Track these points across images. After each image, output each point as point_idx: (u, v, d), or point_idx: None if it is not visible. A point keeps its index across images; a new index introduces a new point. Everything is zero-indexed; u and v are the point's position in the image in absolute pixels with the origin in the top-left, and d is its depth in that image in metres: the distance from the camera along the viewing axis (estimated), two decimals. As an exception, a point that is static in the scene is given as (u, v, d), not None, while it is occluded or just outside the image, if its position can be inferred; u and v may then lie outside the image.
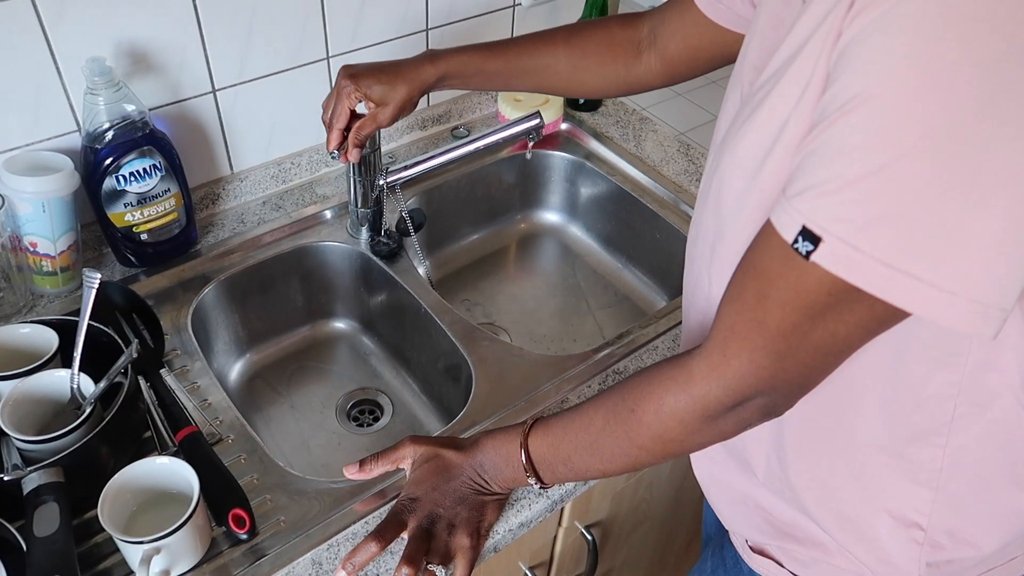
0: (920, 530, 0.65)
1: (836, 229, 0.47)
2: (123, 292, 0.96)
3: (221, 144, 1.10)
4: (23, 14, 0.86)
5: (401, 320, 1.10)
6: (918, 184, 0.45)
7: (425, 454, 0.79)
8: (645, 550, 1.27)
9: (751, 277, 0.55)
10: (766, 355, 0.55)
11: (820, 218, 0.48)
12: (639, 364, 0.97)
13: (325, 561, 0.76)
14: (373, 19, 1.13)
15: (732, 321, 0.57)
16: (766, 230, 0.53)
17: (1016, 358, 0.58)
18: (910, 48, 0.44)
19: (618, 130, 1.35)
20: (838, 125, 0.47)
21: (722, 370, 0.58)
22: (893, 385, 0.60)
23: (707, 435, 0.62)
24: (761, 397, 0.58)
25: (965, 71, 0.43)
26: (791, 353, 0.54)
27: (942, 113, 0.43)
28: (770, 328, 0.54)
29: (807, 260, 0.49)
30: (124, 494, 0.73)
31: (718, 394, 0.59)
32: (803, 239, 0.49)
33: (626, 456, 0.67)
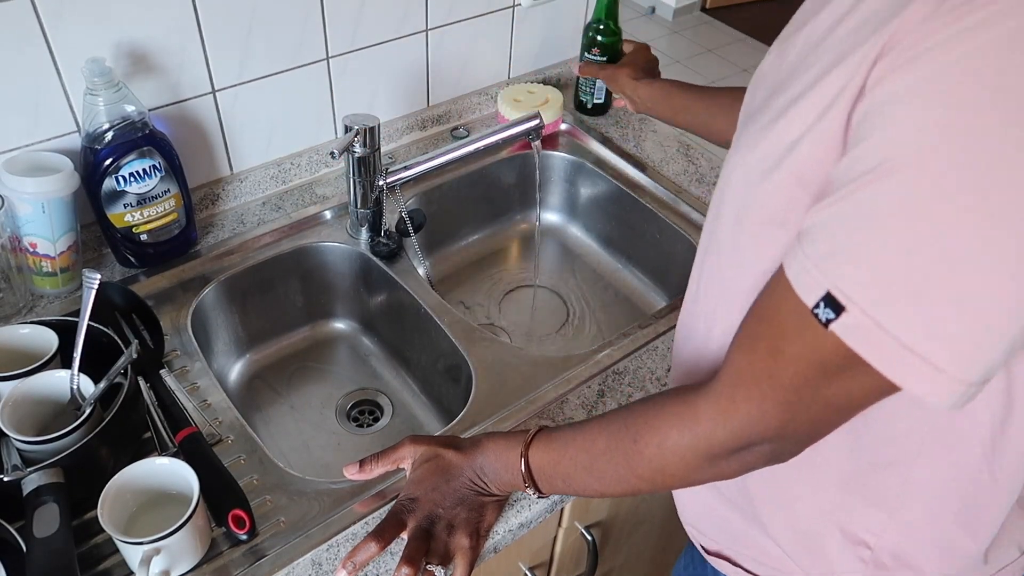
0: (868, 549, 0.66)
1: (862, 301, 0.46)
2: (123, 293, 0.96)
3: (221, 145, 1.10)
4: (23, 15, 0.86)
5: (401, 320, 1.10)
6: (948, 267, 0.43)
7: (425, 454, 0.79)
8: (645, 551, 1.27)
9: (765, 328, 0.54)
10: (776, 406, 0.54)
11: (847, 287, 0.46)
12: (639, 364, 0.97)
13: (325, 562, 0.76)
14: (373, 19, 1.13)
15: (742, 368, 0.56)
16: (781, 282, 0.51)
17: (990, 413, 0.58)
18: (947, 120, 0.42)
19: (618, 130, 1.35)
20: (869, 190, 0.45)
21: (730, 415, 0.57)
22: (866, 419, 0.59)
23: (708, 474, 0.62)
24: (768, 444, 0.57)
25: (1003, 147, 0.41)
26: (802, 407, 0.54)
27: (980, 192, 0.42)
28: (782, 382, 0.53)
29: (825, 328, 0.47)
30: (124, 495, 0.73)
31: (723, 437, 0.58)
32: (825, 305, 0.47)
33: (624, 483, 0.67)
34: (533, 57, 1.39)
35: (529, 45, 1.36)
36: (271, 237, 1.10)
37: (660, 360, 0.97)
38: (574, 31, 1.42)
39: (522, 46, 1.35)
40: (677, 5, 4.08)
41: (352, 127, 0.99)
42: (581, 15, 1.40)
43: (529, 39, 1.35)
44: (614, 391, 0.93)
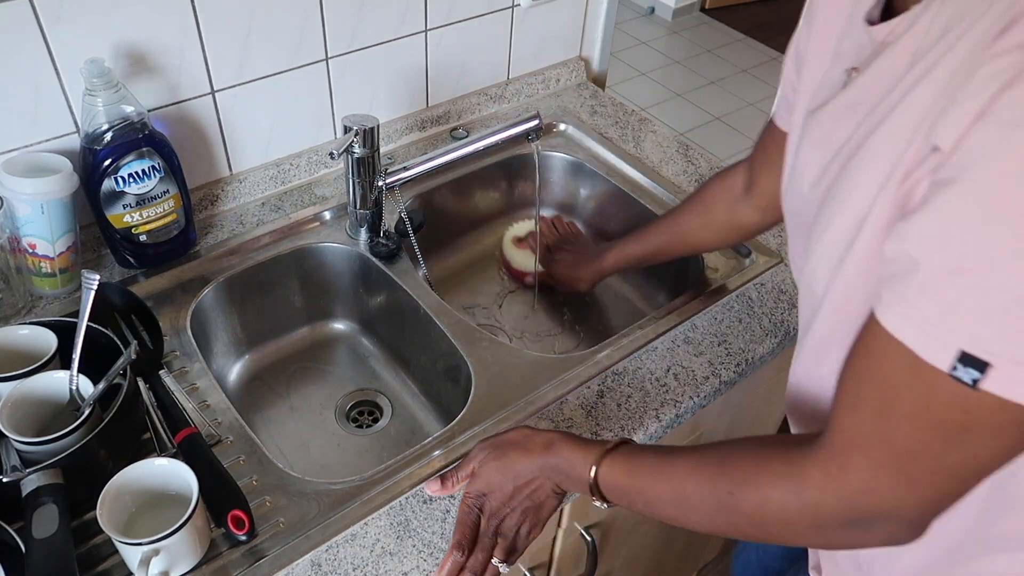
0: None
1: (1008, 350, 0.42)
2: (122, 293, 0.96)
3: (220, 145, 1.10)
4: (22, 15, 0.86)
5: (400, 321, 1.10)
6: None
7: (494, 453, 0.78)
8: (644, 552, 1.27)
9: (870, 387, 0.50)
10: (892, 475, 0.50)
11: (984, 341, 0.43)
12: (638, 365, 0.97)
13: (324, 562, 0.76)
14: (372, 20, 1.13)
15: (851, 429, 0.52)
16: (876, 332, 0.48)
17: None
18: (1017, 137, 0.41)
19: (617, 131, 1.35)
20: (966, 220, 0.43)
21: (839, 483, 0.53)
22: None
23: (812, 540, 0.58)
24: (884, 523, 0.53)
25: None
26: (922, 477, 0.49)
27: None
28: (897, 446, 0.49)
29: (974, 389, 0.43)
30: (123, 495, 0.73)
31: (832, 507, 0.54)
32: (964, 365, 0.43)
33: (714, 526, 0.63)
34: (532, 58, 1.39)
35: (528, 46, 1.36)
36: (270, 238, 1.10)
37: (659, 360, 0.97)
38: (573, 32, 1.42)
39: (521, 47, 1.35)
40: (676, 5, 4.08)
41: (351, 128, 0.99)
42: (580, 15, 1.40)
43: (528, 40, 1.35)
44: (613, 392, 0.93)
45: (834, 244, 0.56)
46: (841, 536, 0.56)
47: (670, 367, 0.97)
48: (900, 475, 0.50)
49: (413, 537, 0.78)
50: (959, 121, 0.43)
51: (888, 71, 0.53)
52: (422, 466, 0.84)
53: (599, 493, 0.71)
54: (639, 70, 3.68)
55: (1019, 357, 0.42)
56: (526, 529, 0.76)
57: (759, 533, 0.61)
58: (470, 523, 0.76)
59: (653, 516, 0.69)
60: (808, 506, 0.55)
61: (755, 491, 0.58)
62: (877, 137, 0.52)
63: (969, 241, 0.43)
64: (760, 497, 0.58)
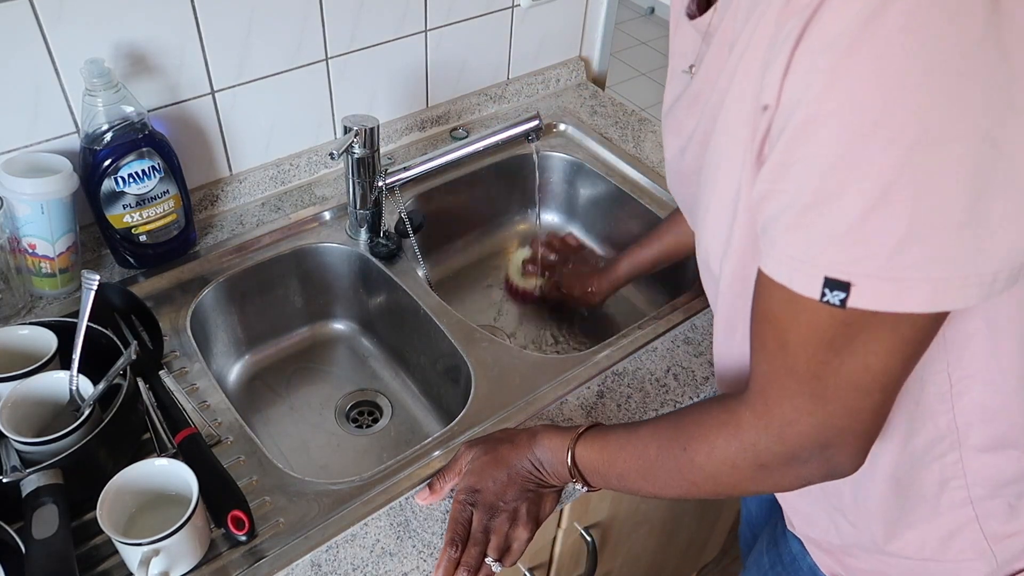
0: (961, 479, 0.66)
1: (863, 269, 0.46)
2: (122, 294, 0.96)
3: (220, 145, 1.10)
4: (22, 15, 0.86)
5: (400, 321, 1.10)
6: (924, 194, 0.44)
7: (482, 448, 0.80)
8: (644, 552, 1.27)
9: (766, 326, 0.55)
10: (806, 400, 0.54)
11: (841, 264, 0.47)
12: (638, 365, 0.97)
13: (324, 563, 0.76)
14: (371, 20, 1.13)
15: (764, 369, 0.57)
16: (763, 280, 0.53)
17: None
18: (841, 70, 0.44)
19: (617, 131, 1.35)
20: (802, 161, 0.47)
21: (768, 418, 0.57)
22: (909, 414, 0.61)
23: (761, 483, 0.62)
24: (819, 451, 0.57)
25: (908, 62, 0.42)
26: (830, 394, 0.53)
27: (912, 108, 0.43)
28: (800, 372, 0.53)
29: (843, 308, 0.48)
30: (123, 496, 0.73)
31: (768, 443, 0.58)
32: (830, 290, 0.48)
33: (679, 488, 0.67)
34: (532, 58, 1.39)
35: (528, 46, 1.36)
36: (270, 238, 1.10)
37: (659, 361, 0.97)
38: (573, 32, 1.42)
39: (521, 47, 1.35)
40: (675, 5, 4.08)
41: (351, 128, 0.99)
42: (580, 15, 1.40)
43: (528, 40, 1.35)
44: (613, 392, 0.93)
45: (717, 223, 0.60)
46: (784, 474, 0.60)
47: (670, 367, 0.97)
48: (813, 399, 0.54)
49: (413, 537, 0.79)
50: (774, 79, 0.48)
51: (715, 59, 0.58)
52: (422, 466, 0.84)
53: (579, 474, 0.75)
54: (639, 70, 3.68)
55: (870, 271, 0.47)
56: (520, 527, 0.77)
57: (714, 486, 0.64)
58: (463, 520, 0.76)
59: (627, 490, 0.73)
60: (748, 447, 0.59)
61: (704, 442, 0.63)
62: (721, 120, 0.56)
63: (806, 179, 0.47)
64: (708, 447, 0.62)
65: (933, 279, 0.46)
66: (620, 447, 0.72)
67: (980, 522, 0.65)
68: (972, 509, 0.64)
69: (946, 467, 0.63)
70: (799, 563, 0.81)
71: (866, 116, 0.44)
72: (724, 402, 0.63)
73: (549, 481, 0.78)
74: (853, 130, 0.44)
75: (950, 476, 0.63)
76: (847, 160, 0.45)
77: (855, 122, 0.44)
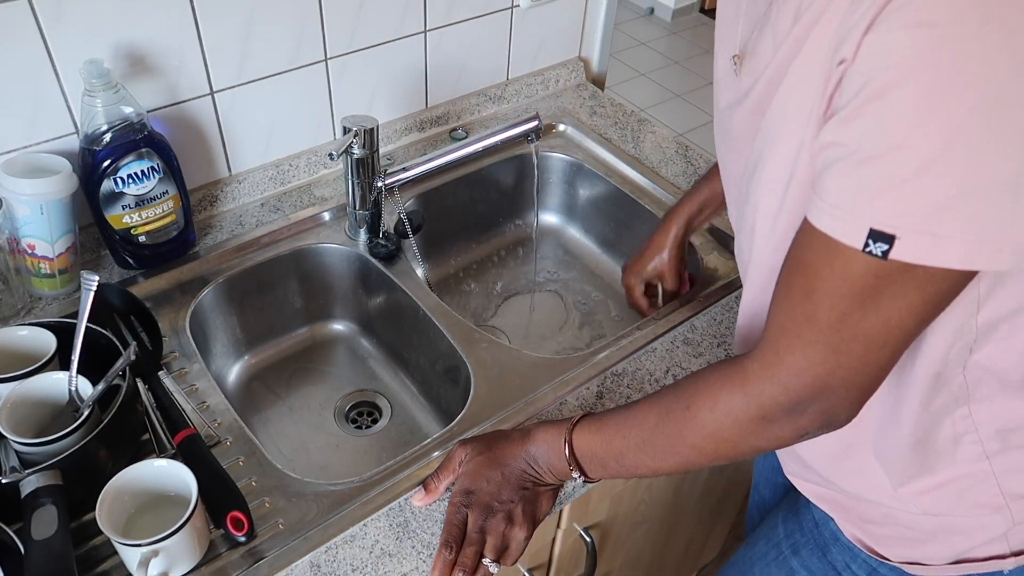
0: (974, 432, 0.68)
1: (909, 223, 0.48)
2: (121, 294, 0.96)
3: (219, 146, 1.10)
4: (21, 16, 0.86)
5: (400, 322, 1.10)
6: (978, 156, 0.46)
7: (477, 448, 0.80)
8: (644, 552, 1.27)
9: (797, 275, 0.56)
10: (819, 349, 0.56)
11: (888, 217, 0.49)
12: (638, 366, 0.97)
13: (324, 563, 0.76)
14: (371, 21, 1.13)
15: (782, 319, 0.58)
16: (805, 228, 0.54)
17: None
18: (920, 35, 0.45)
19: (616, 131, 1.35)
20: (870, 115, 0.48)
21: (776, 368, 0.58)
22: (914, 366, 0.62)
23: (762, 439, 0.63)
24: (818, 402, 0.58)
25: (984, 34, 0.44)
26: (844, 346, 0.55)
27: (983, 77, 0.45)
28: (820, 321, 0.55)
29: (884, 259, 0.49)
30: (122, 496, 0.73)
31: (773, 393, 0.59)
32: (874, 241, 0.49)
33: (678, 455, 0.68)
34: (532, 58, 1.39)
35: (528, 46, 1.36)
36: (270, 239, 1.10)
37: (659, 361, 0.97)
38: (573, 32, 1.42)
39: (521, 47, 1.35)
40: (676, 6, 4.08)
41: (351, 128, 0.99)
42: (580, 16, 1.40)
43: (528, 40, 1.35)
44: (613, 393, 0.93)
45: (773, 180, 0.61)
46: (783, 427, 0.61)
47: (669, 368, 0.97)
48: (827, 348, 0.55)
49: (412, 538, 0.78)
50: (855, 34, 0.49)
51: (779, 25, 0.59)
52: (421, 467, 0.84)
53: (576, 463, 0.75)
54: (638, 71, 3.68)
55: (917, 226, 0.48)
56: (517, 527, 0.77)
57: (715, 445, 0.65)
58: (458, 522, 0.76)
59: (625, 471, 0.73)
60: (753, 398, 0.60)
61: (707, 397, 0.64)
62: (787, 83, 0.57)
63: (869, 133, 0.49)
64: (711, 401, 0.64)
65: (970, 238, 0.47)
66: (618, 424, 0.72)
67: (997, 478, 0.66)
68: (988, 464, 0.66)
69: (957, 422, 0.64)
70: (820, 529, 0.82)
71: (937, 78, 0.45)
72: (729, 361, 0.64)
73: (545, 479, 0.78)
74: (923, 90, 0.46)
75: (962, 431, 0.65)
76: (912, 118, 0.47)
77: (926, 83, 0.46)
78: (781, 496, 1.02)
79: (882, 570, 0.75)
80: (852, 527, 0.78)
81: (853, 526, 0.78)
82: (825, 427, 0.60)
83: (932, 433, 0.66)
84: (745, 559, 0.93)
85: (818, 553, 0.82)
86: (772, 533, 0.90)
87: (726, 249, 1.14)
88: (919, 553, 0.72)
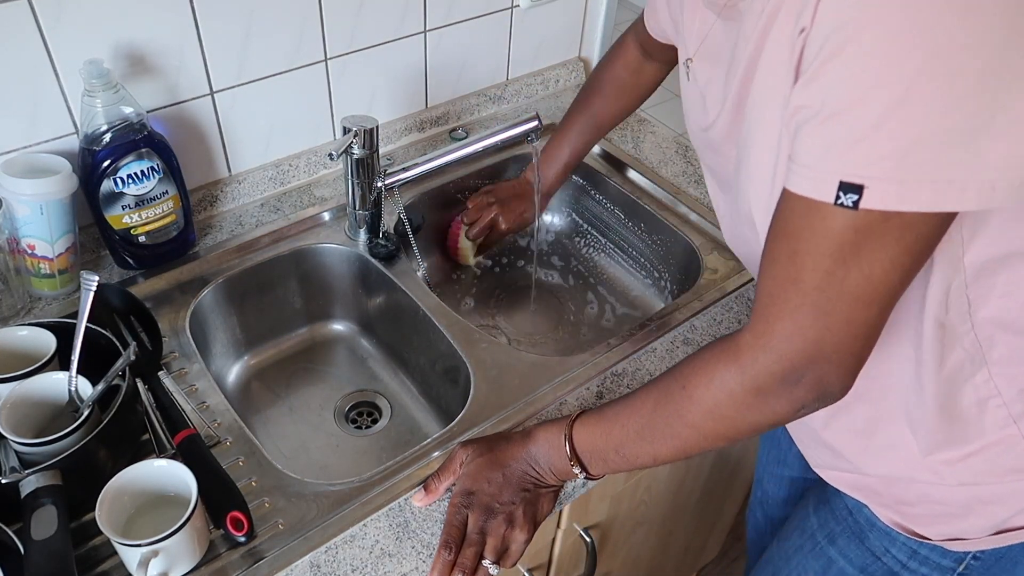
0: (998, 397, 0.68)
1: (875, 172, 0.49)
2: (121, 294, 0.96)
3: (219, 146, 1.10)
4: (20, 16, 0.86)
5: (399, 322, 1.10)
6: (937, 102, 0.47)
7: (478, 450, 0.80)
8: (644, 552, 1.27)
9: (780, 241, 0.57)
10: (807, 312, 0.56)
11: (855, 168, 0.50)
12: (637, 366, 0.97)
13: (323, 564, 0.76)
14: (371, 21, 1.13)
15: (770, 287, 0.58)
16: (784, 195, 0.56)
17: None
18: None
19: (616, 131, 1.35)
20: (830, 74, 0.50)
21: (768, 337, 0.59)
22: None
23: (759, 413, 0.63)
24: (812, 369, 0.58)
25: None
26: (830, 306, 0.55)
27: (933, 24, 0.46)
28: (805, 283, 0.55)
29: (855, 209, 0.50)
30: (122, 497, 0.73)
31: (767, 362, 0.59)
32: (844, 193, 0.50)
33: (677, 437, 0.68)
34: (531, 58, 1.39)
35: (527, 46, 1.36)
36: (269, 239, 1.10)
37: (659, 362, 0.97)
38: (572, 32, 1.42)
39: (520, 47, 1.35)
40: None
41: (350, 129, 0.99)
42: (580, 16, 1.40)
43: (527, 40, 1.35)
44: (612, 393, 0.93)
45: (761, 171, 0.62)
46: (779, 399, 0.61)
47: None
48: (814, 310, 0.56)
49: (412, 538, 0.79)
50: (810, 3, 0.50)
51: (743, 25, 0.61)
52: (421, 467, 0.84)
53: (577, 459, 0.75)
54: (638, 71, 3.67)
55: (883, 174, 0.49)
56: (518, 528, 0.76)
57: (713, 424, 0.65)
58: (458, 523, 0.76)
59: (626, 462, 0.73)
60: (747, 369, 0.61)
61: (703, 375, 0.65)
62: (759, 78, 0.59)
63: (830, 91, 0.50)
64: (707, 378, 0.64)
65: (936, 180, 0.48)
66: (616, 413, 0.73)
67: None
68: (1016, 427, 0.65)
69: (979, 387, 0.64)
70: (855, 516, 0.81)
71: (891, 29, 0.47)
72: (722, 338, 0.65)
73: (546, 480, 0.78)
74: (876, 42, 0.47)
75: (985, 395, 0.65)
76: (870, 70, 0.48)
77: (878, 34, 0.47)
78: (787, 491, 1.02)
79: (923, 550, 0.75)
80: (887, 511, 0.77)
81: (888, 510, 0.77)
82: (821, 399, 0.60)
83: (954, 398, 0.65)
84: (780, 553, 0.92)
85: (855, 540, 0.81)
86: (805, 524, 0.88)
87: (726, 249, 1.14)
88: (958, 528, 0.71)
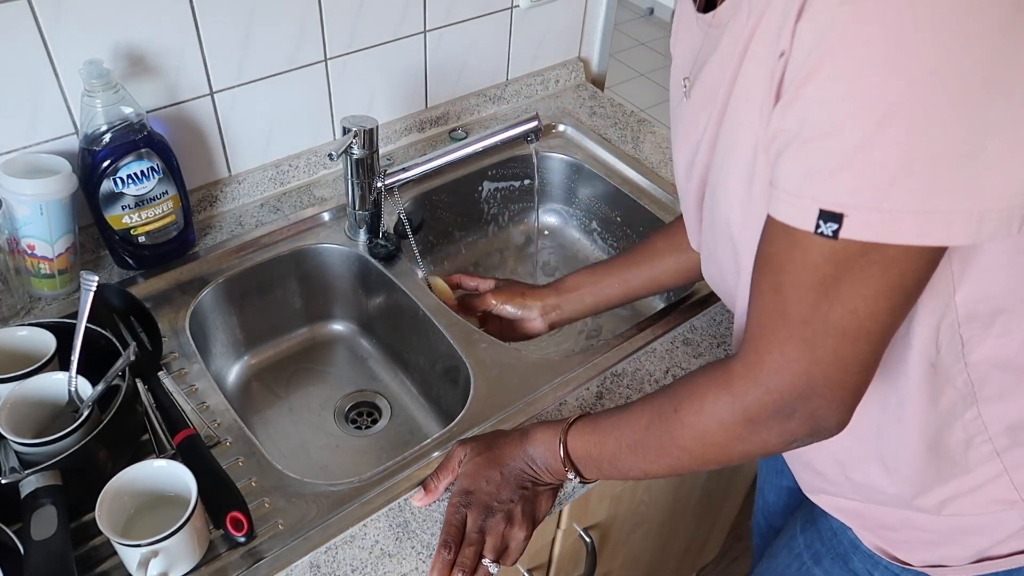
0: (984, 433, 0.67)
1: (856, 200, 0.47)
2: (121, 295, 0.96)
3: (219, 146, 1.10)
4: (20, 16, 0.86)
5: (399, 322, 1.10)
6: (920, 127, 0.45)
7: (476, 449, 0.80)
8: (644, 552, 1.27)
9: (765, 271, 0.56)
10: (794, 345, 0.55)
11: (835, 196, 0.48)
12: (637, 367, 0.97)
13: (323, 564, 0.76)
14: (371, 21, 1.13)
15: (758, 319, 0.58)
16: (768, 222, 0.54)
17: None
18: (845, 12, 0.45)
19: (616, 132, 1.35)
20: (808, 96, 0.48)
21: (758, 368, 0.58)
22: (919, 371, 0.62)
23: (749, 443, 0.62)
24: (803, 403, 0.57)
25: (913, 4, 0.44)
26: (818, 340, 0.54)
27: (917, 46, 0.44)
28: (791, 316, 0.54)
29: (836, 239, 0.49)
30: (122, 497, 0.73)
31: (757, 393, 0.59)
32: (824, 221, 0.49)
33: (668, 456, 0.68)
34: (531, 58, 1.39)
35: (527, 46, 1.36)
36: (269, 239, 1.10)
37: (658, 362, 0.97)
38: (572, 33, 1.42)
39: (520, 47, 1.35)
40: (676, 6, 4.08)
41: (350, 129, 0.99)
42: (579, 16, 1.40)
43: (527, 40, 1.35)
44: (612, 393, 0.93)
45: (736, 188, 0.61)
46: (770, 430, 0.60)
47: (669, 368, 0.97)
48: (802, 345, 0.55)
49: (412, 539, 0.79)
50: (788, 24, 0.49)
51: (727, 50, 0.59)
52: (421, 467, 0.84)
53: (571, 464, 0.75)
54: (638, 71, 3.68)
55: (864, 203, 0.47)
56: (517, 527, 0.77)
57: (703, 449, 0.65)
58: (457, 523, 0.76)
59: (618, 472, 0.73)
60: (737, 398, 0.60)
61: (695, 400, 0.64)
62: (737, 95, 0.58)
63: (808, 115, 0.49)
64: (698, 404, 0.64)
65: (922, 212, 0.46)
66: (612, 425, 0.73)
67: (1009, 474, 0.66)
68: (999, 461, 0.65)
69: (967, 425, 0.64)
70: (840, 538, 0.81)
71: (870, 51, 0.45)
72: (717, 362, 0.65)
73: (544, 479, 0.78)
74: (854, 65, 0.46)
75: (973, 433, 0.64)
76: (849, 93, 0.46)
77: (856, 57, 0.45)
78: (786, 500, 1.02)
79: (904, 575, 0.75)
80: (870, 535, 0.77)
81: (871, 533, 0.77)
82: (814, 433, 0.59)
83: (943, 437, 0.65)
84: (768, 571, 0.93)
85: (840, 562, 0.81)
86: (792, 543, 0.89)
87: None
88: (939, 555, 0.72)
